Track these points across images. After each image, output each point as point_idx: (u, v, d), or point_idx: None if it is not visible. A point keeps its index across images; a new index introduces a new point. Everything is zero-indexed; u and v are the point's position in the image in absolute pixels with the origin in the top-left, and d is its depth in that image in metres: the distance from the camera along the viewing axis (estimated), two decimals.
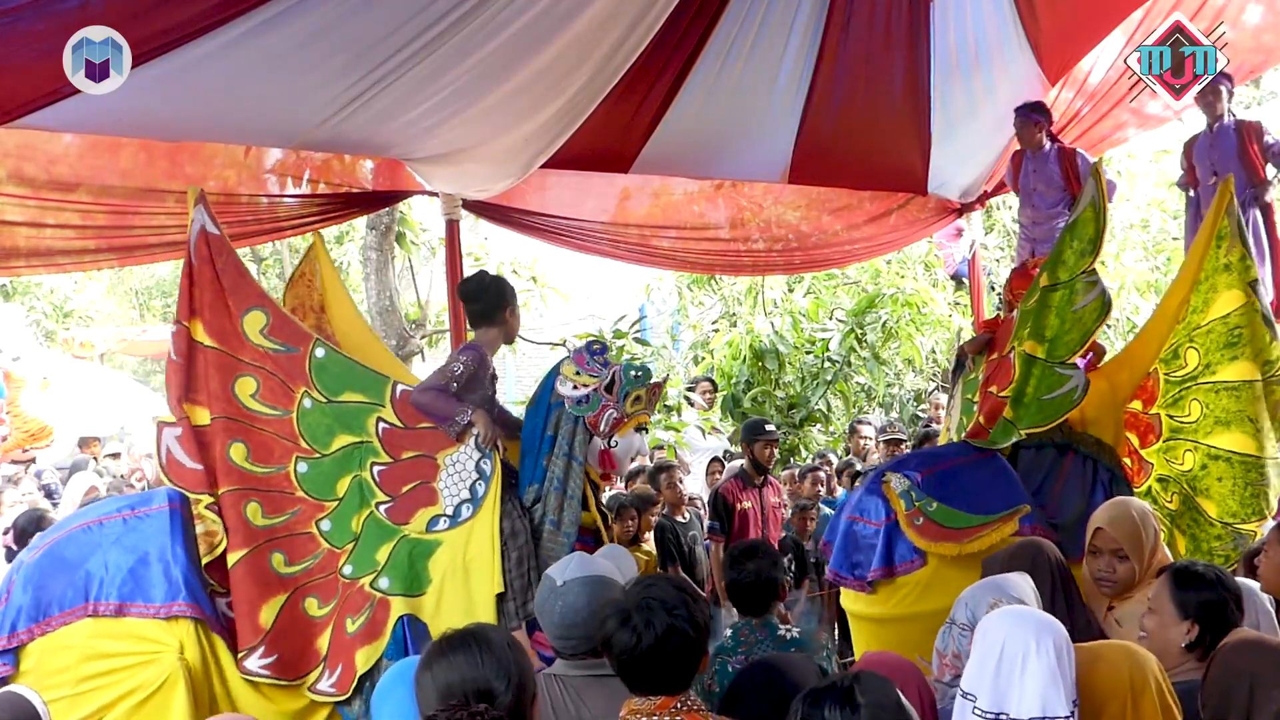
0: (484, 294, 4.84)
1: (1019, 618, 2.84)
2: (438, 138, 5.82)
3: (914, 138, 7.99)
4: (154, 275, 24.84)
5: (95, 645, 4.02)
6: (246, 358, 4.50)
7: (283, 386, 4.51)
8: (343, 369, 4.58)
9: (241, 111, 5.09)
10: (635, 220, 8.16)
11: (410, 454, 4.53)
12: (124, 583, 4.07)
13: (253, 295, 4.60)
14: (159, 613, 4.08)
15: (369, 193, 6.57)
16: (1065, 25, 7.24)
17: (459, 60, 4.92)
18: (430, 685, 2.55)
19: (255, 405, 4.49)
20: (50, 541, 4.22)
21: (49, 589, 4.06)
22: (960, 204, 8.82)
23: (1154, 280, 12.66)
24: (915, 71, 7.39)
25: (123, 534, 4.20)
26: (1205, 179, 6.83)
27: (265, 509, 4.43)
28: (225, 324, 4.50)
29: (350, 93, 5.00)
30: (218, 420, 4.44)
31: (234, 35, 4.24)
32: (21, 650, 4.01)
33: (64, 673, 3.98)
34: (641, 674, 2.74)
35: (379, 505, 4.46)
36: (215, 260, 4.56)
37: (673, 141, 7.27)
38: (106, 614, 4.03)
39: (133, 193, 5.56)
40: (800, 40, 6.94)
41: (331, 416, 4.51)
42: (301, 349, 4.54)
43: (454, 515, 4.45)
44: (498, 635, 2.63)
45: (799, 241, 8.71)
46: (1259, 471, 5.06)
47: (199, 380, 4.47)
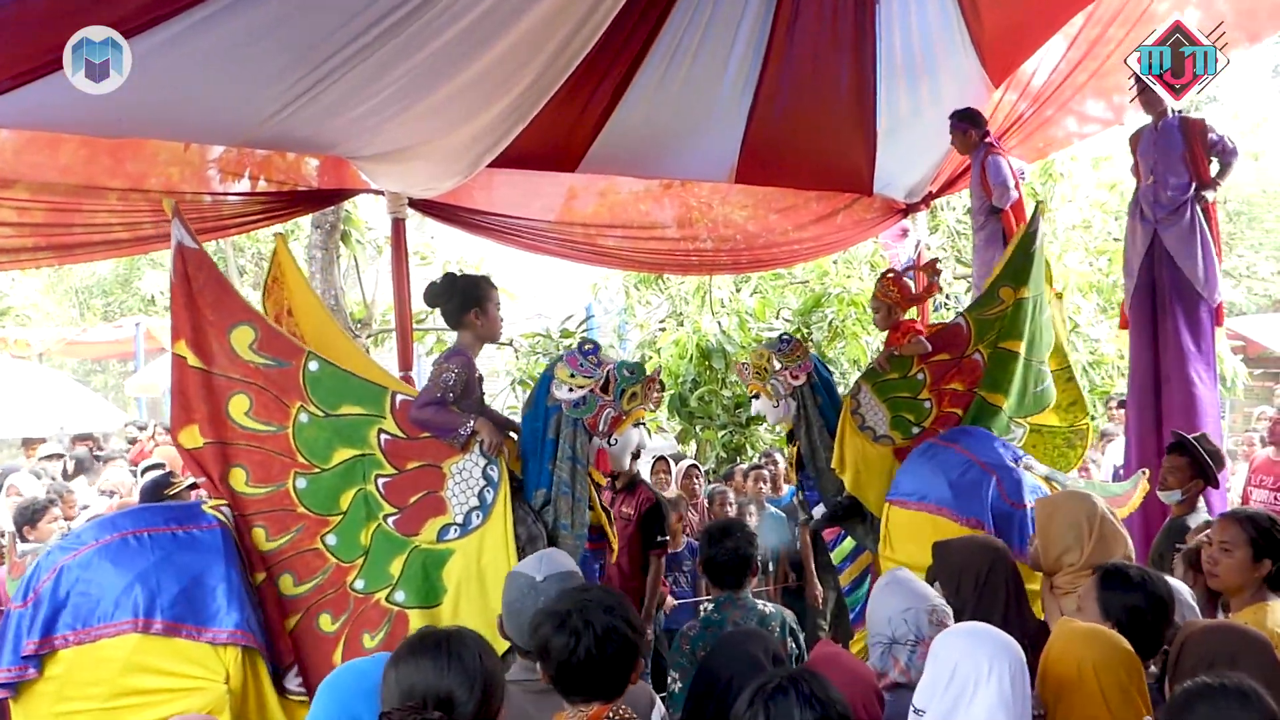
0: (451, 296, 4.74)
1: (975, 641, 2.86)
2: (383, 136, 5.79)
3: (860, 139, 8.05)
4: (94, 274, 24.54)
5: (140, 661, 3.87)
6: (237, 375, 4.41)
7: (276, 402, 4.42)
8: (338, 382, 4.50)
9: (184, 109, 5.03)
10: (582, 219, 8.16)
11: (415, 464, 4.47)
12: (176, 602, 3.93)
13: (238, 310, 4.49)
14: (214, 638, 3.96)
15: (314, 191, 6.52)
16: (1008, 28, 7.31)
17: (405, 58, 4.90)
18: (394, 683, 2.55)
19: (249, 423, 4.40)
20: (89, 548, 4.01)
21: (93, 597, 3.90)
22: (905, 204, 8.89)
23: (1096, 281, 12.81)
24: (861, 73, 7.45)
25: (174, 550, 4.06)
26: (1145, 178, 6.90)
27: (270, 531, 4.36)
28: (210, 343, 4.41)
29: (294, 90, 4.95)
30: (213, 446, 4.36)
31: (175, 31, 4.19)
32: (52, 656, 3.86)
33: (98, 685, 3.83)
34: (578, 679, 2.76)
35: (386, 518, 4.41)
36: (193, 277, 4.44)
37: (620, 141, 7.28)
38: (156, 632, 3.89)
39: (73, 190, 5.47)
40: (747, 41, 6.98)
41: (330, 430, 4.43)
42: (294, 363, 4.46)
43: (464, 523, 4.44)
44: (473, 642, 2.61)
45: (746, 241, 8.75)
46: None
47: (190, 401, 4.39)
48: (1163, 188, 6.74)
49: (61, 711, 3.83)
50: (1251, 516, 4.08)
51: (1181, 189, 6.70)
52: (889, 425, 6.12)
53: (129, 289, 24.44)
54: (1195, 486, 5.51)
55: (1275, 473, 8.03)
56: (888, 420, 6.13)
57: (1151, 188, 6.81)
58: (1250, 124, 22.12)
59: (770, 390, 5.95)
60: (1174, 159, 6.71)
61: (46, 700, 3.85)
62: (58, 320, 24.85)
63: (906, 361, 6.15)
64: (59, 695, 3.83)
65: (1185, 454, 5.56)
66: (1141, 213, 6.89)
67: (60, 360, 23.61)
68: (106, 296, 25.63)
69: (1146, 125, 6.95)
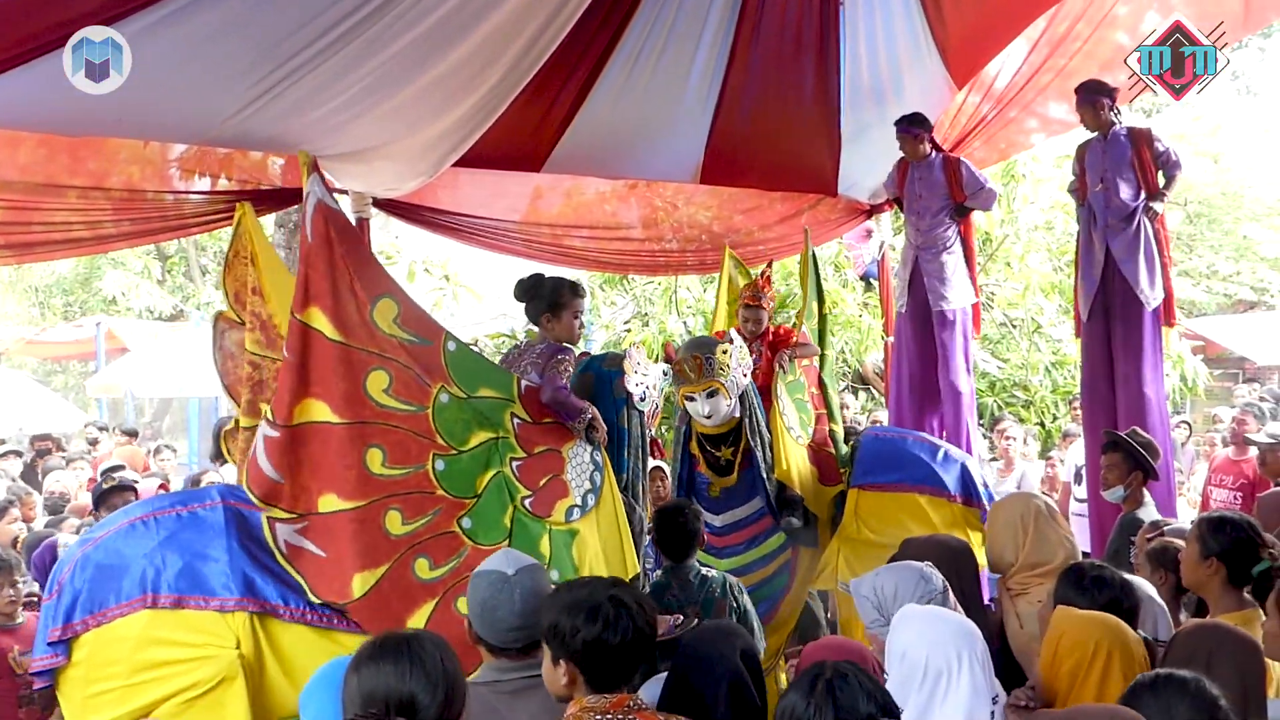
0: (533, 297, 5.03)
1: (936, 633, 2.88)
2: (347, 135, 5.75)
3: (824, 139, 8.08)
4: (54, 273, 24.29)
5: (153, 635, 3.96)
6: (376, 349, 4.27)
7: (418, 381, 4.33)
8: (474, 363, 4.54)
9: (144, 107, 4.96)
10: (548, 219, 8.15)
11: (540, 448, 4.58)
12: (181, 576, 4.02)
13: (383, 281, 4.41)
14: (222, 605, 4.02)
15: (277, 190, 6.46)
16: (972, 30, 7.36)
17: (369, 56, 4.87)
18: (355, 688, 2.54)
19: (389, 401, 4.28)
20: (104, 535, 4.15)
21: (105, 582, 4.01)
22: (870, 205, 8.92)
23: (1057, 281, 12.90)
24: (825, 74, 7.48)
25: (178, 529, 4.13)
26: (1093, 185, 6.97)
27: (405, 514, 4.27)
28: (352, 314, 4.24)
29: (257, 88, 4.90)
30: (352, 426, 4.21)
31: (136, 28, 4.14)
32: (75, 641, 3.97)
33: (118, 664, 3.93)
34: (608, 667, 2.75)
35: (524, 500, 4.46)
36: (337, 241, 4.28)
37: (585, 141, 7.27)
38: (165, 605, 3.97)
39: (32, 188, 5.41)
40: (711, 41, 6.99)
41: (470, 412, 4.41)
42: (435, 342, 4.40)
43: (582, 505, 4.60)
44: (433, 645, 2.61)
45: (711, 241, 8.74)
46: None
47: (318, 375, 4.20)
48: (1114, 193, 6.83)
49: (91, 693, 3.94)
50: (1208, 515, 4.15)
51: (1132, 196, 6.81)
52: (799, 425, 6.37)
53: (89, 288, 24.22)
54: (1135, 479, 5.66)
55: (1234, 472, 8.13)
56: (798, 420, 6.36)
57: (1103, 194, 6.90)
58: (1210, 127, 22.34)
59: (727, 388, 5.82)
60: (1124, 167, 6.82)
61: (78, 685, 3.96)
62: (17, 320, 24.61)
63: (794, 364, 6.42)
64: (86, 679, 3.94)
65: (1119, 450, 5.71)
66: (1094, 219, 6.97)
67: (20, 360, 23.40)
68: (67, 296, 25.38)
69: (1093, 138, 7.04)
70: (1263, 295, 21.63)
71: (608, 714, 2.69)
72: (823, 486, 6.39)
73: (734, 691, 3.10)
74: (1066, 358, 12.37)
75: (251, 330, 4.64)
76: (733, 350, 5.86)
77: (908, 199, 7.82)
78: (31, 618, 5.70)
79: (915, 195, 7.71)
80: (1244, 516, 4.04)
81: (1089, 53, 7.46)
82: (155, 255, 23.21)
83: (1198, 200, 22.03)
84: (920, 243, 7.71)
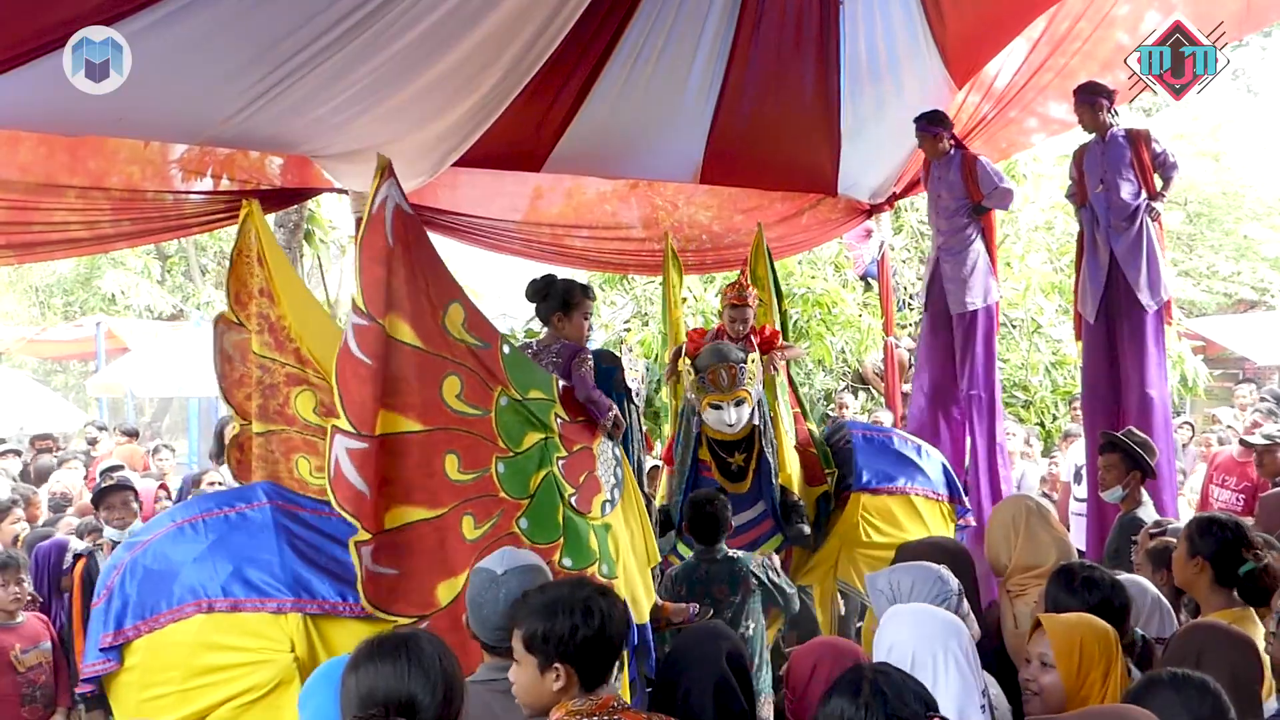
0: (545, 297, 5.07)
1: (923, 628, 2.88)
2: (347, 134, 5.76)
3: (824, 139, 8.08)
4: (54, 273, 24.27)
5: (208, 640, 3.91)
6: (450, 355, 4.22)
7: (483, 385, 4.29)
8: (525, 365, 4.51)
9: (145, 106, 4.98)
10: (548, 219, 8.16)
11: (578, 446, 4.57)
12: (235, 579, 3.97)
13: (453, 287, 4.33)
14: (279, 607, 3.96)
15: (277, 189, 6.47)
16: (972, 29, 7.36)
17: (369, 56, 4.88)
18: (353, 689, 2.52)
19: (460, 407, 4.23)
20: (151, 540, 4.10)
21: (156, 587, 3.97)
22: (869, 205, 8.93)
23: (1057, 282, 12.90)
24: (825, 74, 7.48)
25: (228, 531, 4.08)
26: (1093, 187, 6.96)
27: (477, 519, 4.23)
28: (428, 320, 4.17)
29: (258, 88, 4.92)
30: (433, 433, 4.15)
31: (137, 28, 4.15)
32: (127, 647, 3.94)
33: (173, 669, 3.89)
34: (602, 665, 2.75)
35: (571, 498, 4.46)
36: (415, 247, 4.20)
37: (585, 141, 7.28)
38: (220, 610, 3.92)
39: (32, 188, 5.42)
40: (711, 41, 6.99)
41: (524, 414, 4.38)
42: (493, 345, 4.35)
43: (612, 499, 4.65)
44: (430, 645, 2.60)
45: (711, 241, 8.76)
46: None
47: (400, 384, 4.10)
48: (1115, 194, 6.83)
49: (144, 699, 3.92)
50: (1197, 516, 4.19)
51: (1133, 195, 6.81)
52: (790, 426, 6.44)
53: (89, 288, 24.18)
54: (1133, 479, 5.67)
55: (1239, 473, 8.08)
56: (790, 422, 6.47)
57: (1104, 195, 6.89)
58: (1210, 126, 22.33)
59: (751, 396, 5.88)
60: (1123, 167, 6.81)
61: (132, 689, 3.95)
62: (17, 319, 24.58)
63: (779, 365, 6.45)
64: (140, 684, 3.92)
65: (1116, 450, 5.71)
66: (1096, 221, 6.97)
67: (20, 359, 23.39)
68: (67, 295, 25.35)
69: (1091, 140, 7.03)
70: (1263, 295, 21.60)
71: (593, 716, 2.69)
72: (809, 488, 6.42)
73: (719, 694, 3.11)
74: (1066, 358, 12.37)
75: (259, 333, 4.52)
76: (755, 359, 5.98)
77: (929, 198, 7.79)
78: (31, 617, 5.73)
79: (935, 194, 7.67)
80: (1232, 518, 4.09)
81: (1089, 52, 7.46)
82: (155, 255, 23.18)
83: (1198, 200, 22.01)
84: (940, 243, 7.68)
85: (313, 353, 4.47)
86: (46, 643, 5.69)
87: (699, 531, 5.35)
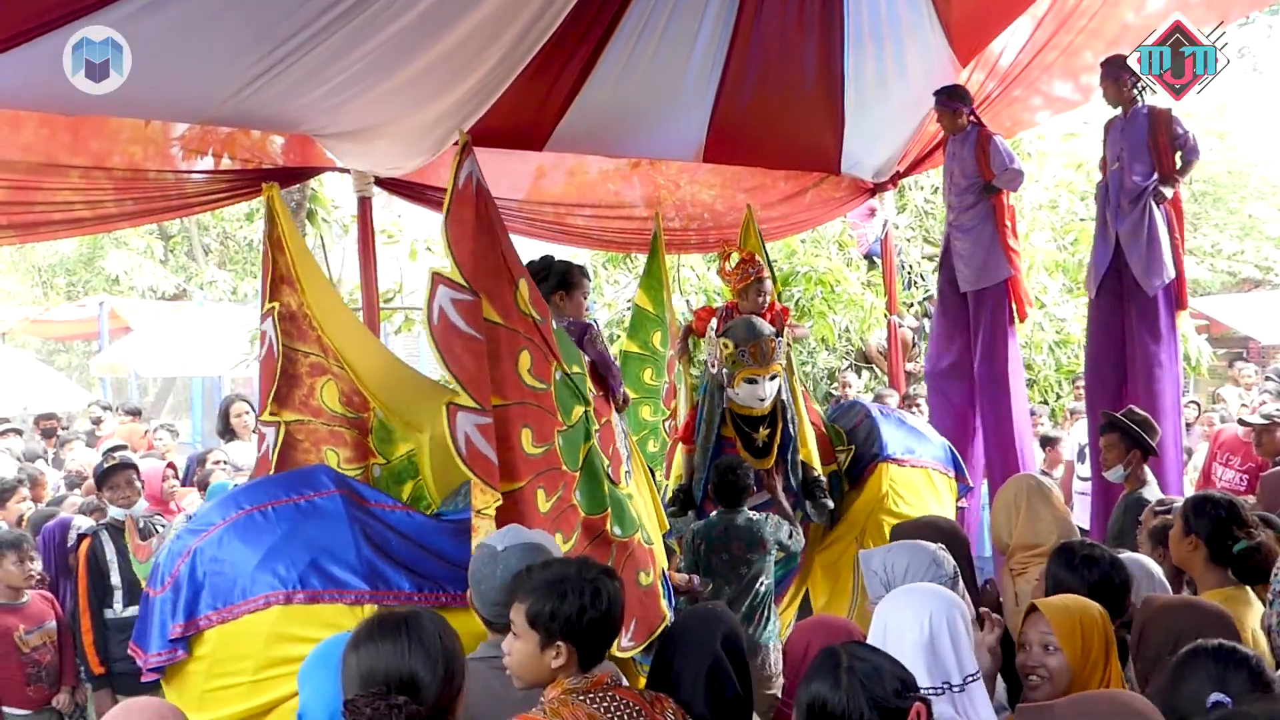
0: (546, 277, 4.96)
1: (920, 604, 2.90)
2: (349, 114, 5.75)
3: (827, 118, 8.06)
4: (57, 253, 24.28)
5: (284, 631, 3.86)
6: (521, 329, 4.25)
7: (544, 359, 4.33)
8: (566, 340, 4.52)
9: (146, 86, 4.95)
10: (550, 198, 8.14)
11: (604, 419, 4.67)
12: (314, 570, 3.92)
13: (519, 263, 4.35)
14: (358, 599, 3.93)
15: (279, 169, 6.46)
16: (976, 8, 7.34)
17: (371, 35, 4.86)
18: (354, 668, 2.54)
19: (531, 381, 4.27)
20: (218, 528, 4.02)
21: (230, 576, 3.91)
22: (873, 184, 8.91)
23: (1062, 260, 12.88)
24: (828, 52, 7.45)
25: (300, 520, 4.05)
26: (1111, 163, 6.94)
27: (547, 491, 4.28)
28: (507, 296, 4.21)
29: (258, 67, 4.90)
30: (512, 408, 4.18)
31: (138, 6, 4.15)
32: (198, 637, 3.90)
33: (245, 659, 3.85)
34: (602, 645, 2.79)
35: (607, 468, 4.53)
36: (495, 223, 4.22)
37: (587, 120, 7.26)
38: (299, 602, 3.87)
39: (34, 168, 5.43)
40: (714, 19, 6.97)
41: (571, 388, 4.44)
42: (548, 319, 4.38)
43: (630, 470, 4.81)
44: (431, 623, 2.61)
45: (714, 220, 8.75)
46: None
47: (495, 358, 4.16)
48: (1129, 173, 6.80)
49: (211, 689, 3.88)
50: (1193, 495, 4.22)
51: (1145, 176, 6.77)
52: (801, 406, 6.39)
53: (92, 268, 24.19)
54: (1134, 458, 5.67)
55: (1243, 452, 8.07)
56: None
57: (1118, 173, 6.87)
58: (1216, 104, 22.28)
59: (782, 371, 5.95)
60: (1140, 147, 6.77)
61: (197, 679, 3.91)
62: (20, 299, 24.57)
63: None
64: (208, 673, 3.88)
65: (1116, 430, 5.72)
66: (1107, 198, 6.95)
67: (23, 340, 23.40)
68: (70, 275, 25.36)
69: (1118, 115, 6.98)
70: (1267, 274, 21.61)
71: (589, 694, 2.70)
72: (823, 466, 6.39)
73: (712, 677, 3.12)
74: (1070, 336, 12.35)
75: (283, 320, 4.47)
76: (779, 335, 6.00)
77: (945, 174, 7.78)
78: (36, 596, 5.75)
79: (950, 171, 7.66)
80: (1226, 496, 4.11)
81: (1095, 30, 7.42)
82: (158, 235, 23.19)
83: (1203, 179, 21.98)
84: (953, 219, 7.67)
85: (333, 341, 4.46)
86: (51, 622, 5.73)
87: (723, 495, 5.61)
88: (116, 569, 5.64)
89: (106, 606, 5.64)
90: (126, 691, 5.57)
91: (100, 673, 5.58)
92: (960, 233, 7.56)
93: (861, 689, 2.33)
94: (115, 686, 5.57)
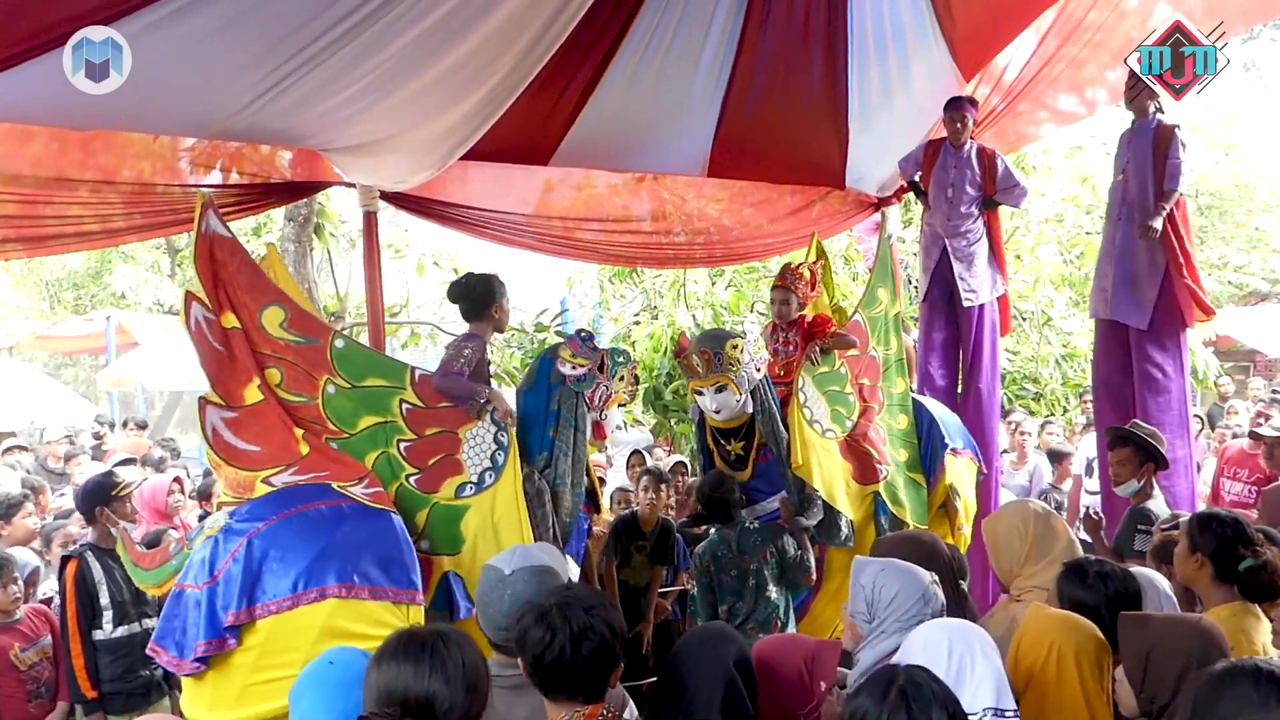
0: (469, 294, 5.38)
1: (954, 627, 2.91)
2: (356, 128, 5.76)
3: (832, 132, 8.06)
4: (65, 267, 24.34)
5: (336, 625, 4.06)
6: (268, 350, 4.79)
7: (306, 376, 4.84)
8: (364, 358, 5.03)
9: (154, 100, 4.98)
10: (557, 212, 8.14)
11: (434, 430, 4.97)
12: (371, 567, 4.18)
13: (269, 291, 4.85)
14: (413, 599, 4.25)
15: (287, 183, 6.48)
16: (980, 22, 7.33)
17: (378, 49, 4.88)
18: (374, 684, 2.53)
19: (284, 394, 4.79)
20: (272, 521, 4.24)
21: (286, 568, 4.11)
22: (878, 198, 8.90)
23: (1068, 274, 12.87)
24: (833, 66, 7.45)
25: (354, 519, 4.34)
26: (1116, 174, 6.95)
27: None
28: (248, 318, 4.78)
29: (266, 81, 4.92)
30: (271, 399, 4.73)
31: (146, 22, 4.16)
32: (250, 626, 4.05)
33: (295, 652, 3.99)
34: (554, 676, 2.75)
35: (408, 477, 4.86)
36: (225, 263, 4.78)
37: (593, 134, 7.27)
38: (359, 597, 4.11)
39: (43, 182, 5.45)
40: (719, 33, 6.97)
41: (356, 400, 4.88)
42: (322, 340, 4.88)
43: (479, 482, 4.96)
44: (456, 643, 2.60)
45: (720, 234, 8.75)
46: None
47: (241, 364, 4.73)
48: (1130, 187, 6.80)
49: (257, 680, 4.05)
50: (1199, 512, 4.21)
51: (1138, 193, 6.81)
52: (829, 419, 6.21)
53: (100, 282, 24.25)
54: (1147, 471, 5.65)
55: (1250, 465, 8.06)
56: (828, 414, 6.22)
57: (1120, 185, 6.87)
58: (1222, 118, 22.28)
59: (736, 383, 5.79)
60: (1143, 164, 6.77)
61: (243, 670, 4.08)
62: (28, 313, 24.62)
63: (832, 355, 6.32)
64: (255, 665, 4.05)
65: (1127, 444, 5.70)
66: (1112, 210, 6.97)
67: (30, 354, 23.44)
68: (77, 290, 25.42)
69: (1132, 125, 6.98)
70: (1275, 287, 21.58)
71: None
72: (858, 484, 6.19)
73: (728, 698, 3.11)
74: (1077, 350, 12.35)
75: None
76: (744, 345, 5.85)
77: (936, 185, 7.75)
78: (29, 611, 5.75)
79: (946, 182, 7.64)
80: (1231, 513, 4.08)
81: (1100, 43, 7.42)
82: (165, 249, 23.22)
83: (1209, 192, 21.98)
84: (948, 231, 7.66)
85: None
86: (46, 638, 5.72)
87: (716, 514, 5.77)
88: (105, 590, 5.61)
89: (96, 628, 5.59)
90: (118, 712, 5.59)
91: (92, 697, 5.53)
92: (963, 245, 7.57)
93: (905, 711, 2.34)
94: (107, 708, 5.56)
